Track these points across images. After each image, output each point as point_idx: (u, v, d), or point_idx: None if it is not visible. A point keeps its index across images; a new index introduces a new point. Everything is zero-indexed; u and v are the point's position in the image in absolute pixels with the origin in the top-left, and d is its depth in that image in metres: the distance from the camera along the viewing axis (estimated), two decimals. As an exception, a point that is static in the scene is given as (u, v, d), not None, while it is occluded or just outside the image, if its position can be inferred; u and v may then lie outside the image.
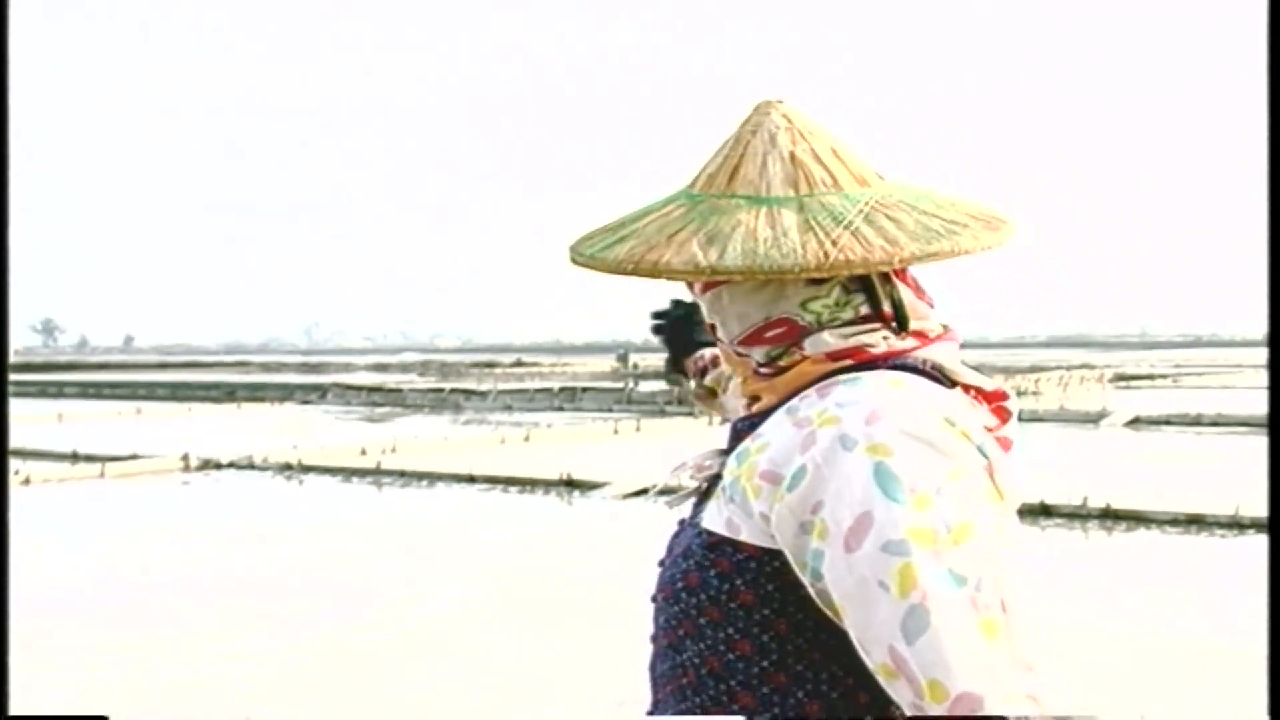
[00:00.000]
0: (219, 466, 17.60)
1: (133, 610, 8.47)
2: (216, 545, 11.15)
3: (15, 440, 19.70)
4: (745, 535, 1.43)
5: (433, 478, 16.08)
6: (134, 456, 17.92)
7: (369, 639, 7.62)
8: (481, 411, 30.54)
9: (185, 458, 17.64)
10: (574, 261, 1.50)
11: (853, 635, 1.34)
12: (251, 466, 17.56)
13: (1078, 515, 11.89)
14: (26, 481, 15.93)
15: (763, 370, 1.54)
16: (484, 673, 6.84)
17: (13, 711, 1.68)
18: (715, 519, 1.48)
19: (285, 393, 37.43)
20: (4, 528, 1.65)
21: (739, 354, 1.55)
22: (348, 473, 16.92)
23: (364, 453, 18.57)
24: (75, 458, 18.29)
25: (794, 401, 1.47)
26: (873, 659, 1.32)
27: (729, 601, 1.44)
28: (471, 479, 15.68)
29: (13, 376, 51.40)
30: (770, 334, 1.51)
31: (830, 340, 1.50)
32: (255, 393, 37.14)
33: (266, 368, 61.92)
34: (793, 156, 1.49)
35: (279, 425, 25.55)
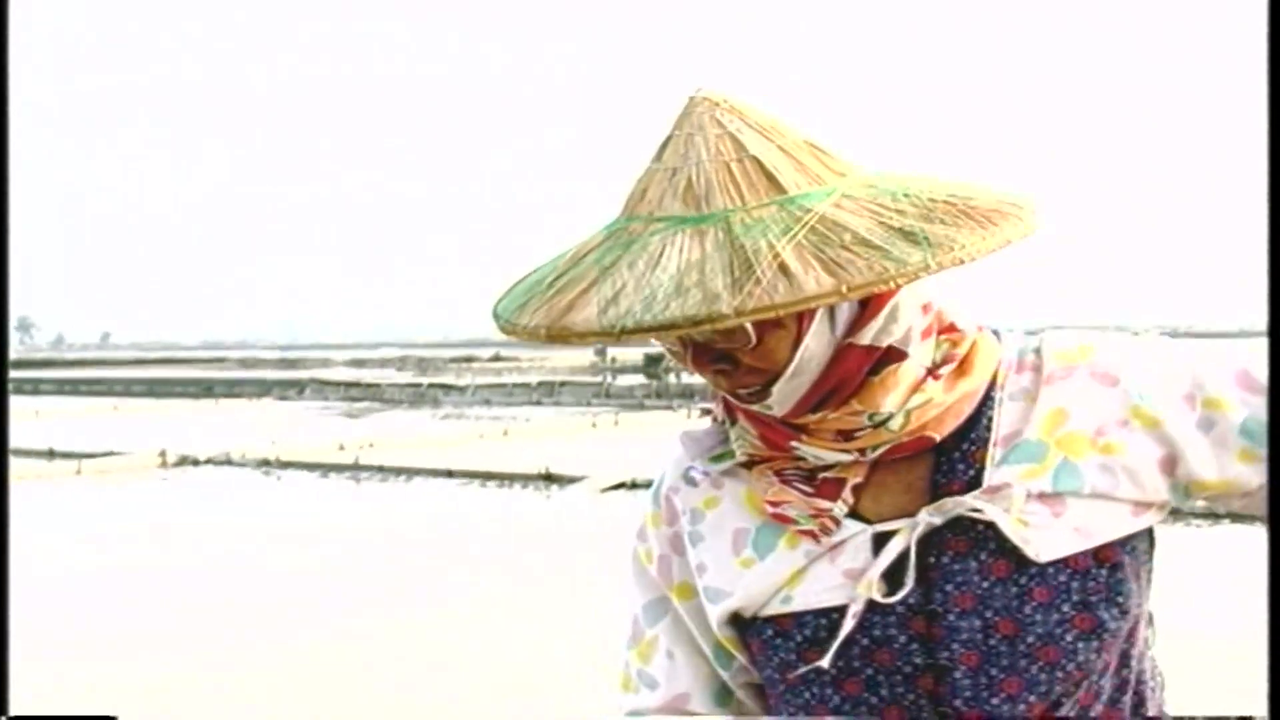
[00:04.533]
0: (196, 463, 17.56)
1: (108, 607, 8.44)
2: (194, 542, 11.12)
3: (-9, 438, 19.60)
4: (1129, 513, 1.33)
5: (411, 473, 16.06)
6: (111, 454, 17.89)
7: (348, 634, 7.61)
8: (460, 406, 30.50)
9: (163, 454, 17.59)
10: (549, 337, 1.22)
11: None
12: (229, 463, 17.53)
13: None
14: (2, 479, 15.84)
15: (942, 369, 1.33)
16: (464, 665, 6.84)
17: (14, 711, 1.68)
18: (1077, 533, 1.31)
19: (263, 389, 37.34)
20: (4, 528, 1.65)
21: (885, 365, 1.30)
22: (326, 468, 16.90)
23: (342, 448, 18.53)
24: (52, 455, 18.22)
25: (1008, 384, 1.36)
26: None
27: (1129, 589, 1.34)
28: (450, 474, 15.67)
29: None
30: (924, 325, 1.32)
31: (959, 308, 1.38)
32: (233, 389, 37.06)
33: (244, 364, 61.69)
34: (786, 149, 1.27)
35: (257, 421, 25.48)
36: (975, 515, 1.30)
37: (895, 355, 1.30)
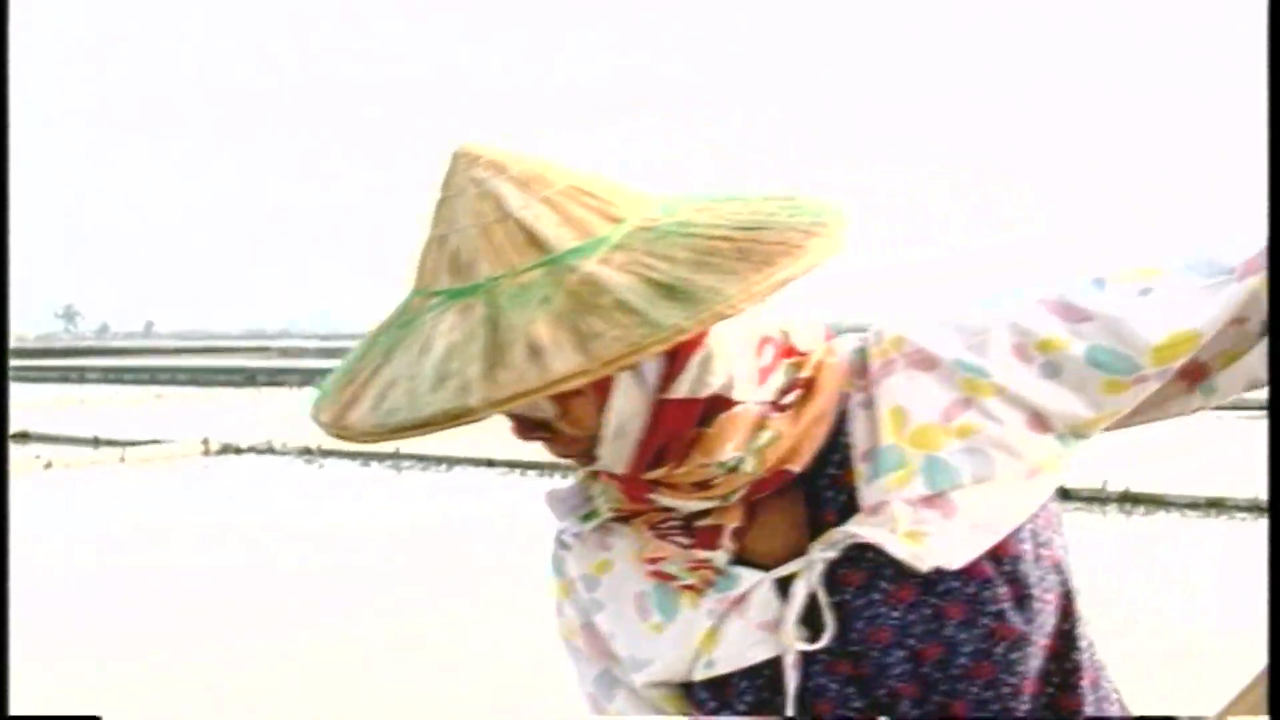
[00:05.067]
0: (239, 451, 17.65)
1: (152, 596, 8.49)
2: (236, 530, 11.18)
3: (38, 425, 19.81)
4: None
5: (452, 461, 16.08)
6: (155, 441, 17.98)
7: (389, 626, 7.64)
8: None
9: (205, 442, 17.69)
10: (337, 435, 1.19)
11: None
12: (271, 451, 17.60)
13: (1097, 499, 11.93)
14: (49, 466, 15.99)
15: (785, 403, 1.26)
16: (505, 655, 6.85)
17: (15, 710, 1.68)
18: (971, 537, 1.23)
19: (305, 377, 37.42)
20: (4, 527, 1.65)
21: (726, 408, 1.22)
22: (366, 457, 16.92)
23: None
24: (97, 442, 18.33)
25: (855, 393, 1.29)
26: None
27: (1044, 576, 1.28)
28: (490, 463, 15.67)
29: (34, 362, 51.58)
30: (761, 363, 1.25)
31: (803, 329, 1.30)
32: (275, 377, 37.18)
33: (285, 352, 61.96)
34: (552, 201, 1.18)
35: (299, 410, 25.54)
36: (863, 541, 1.23)
37: (721, 404, 1.21)
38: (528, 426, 1.24)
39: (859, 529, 1.23)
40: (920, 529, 1.22)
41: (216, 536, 10.79)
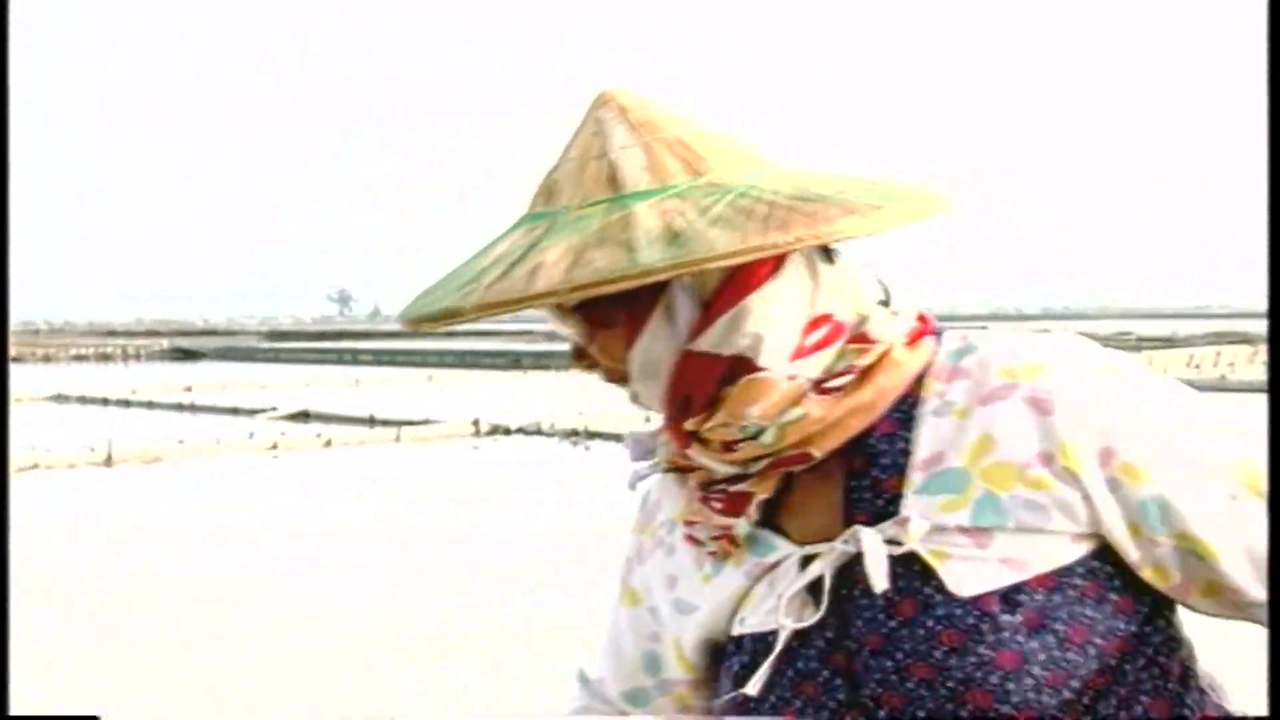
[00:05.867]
0: (508, 432, 18.00)
1: (416, 565, 8.71)
2: (507, 507, 11.40)
3: (317, 404, 20.53)
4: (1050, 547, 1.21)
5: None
6: (427, 421, 18.45)
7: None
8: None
9: (476, 423, 18.09)
10: (437, 317, 1.23)
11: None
12: (539, 432, 17.90)
13: None
14: (328, 444, 16.59)
15: (831, 386, 1.24)
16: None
17: (14, 711, 1.70)
18: (991, 570, 1.20)
19: (569, 361, 37.98)
20: (4, 527, 1.66)
21: (763, 381, 1.22)
22: (632, 439, 17.08)
23: (648, 419, 18.65)
24: (373, 422, 18.91)
25: (932, 398, 1.25)
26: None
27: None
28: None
29: (310, 344, 53.39)
30: (811, 340, 1.23)
31: (887, 319, 1.27)
32: (541, 360, 37.84)
33: (550, 336, 63.01)
34: (648, 149, 1.23)
35: (563, 392, 25.97)
36: (889, 548, 1.22)
37: (746, 366, 1.22)
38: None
39: (888, 533, 1.22)
40: (946, 549, 1.20)
41: (489, 510, 11.03)
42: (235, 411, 21.39)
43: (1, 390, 1.87)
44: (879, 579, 1.21)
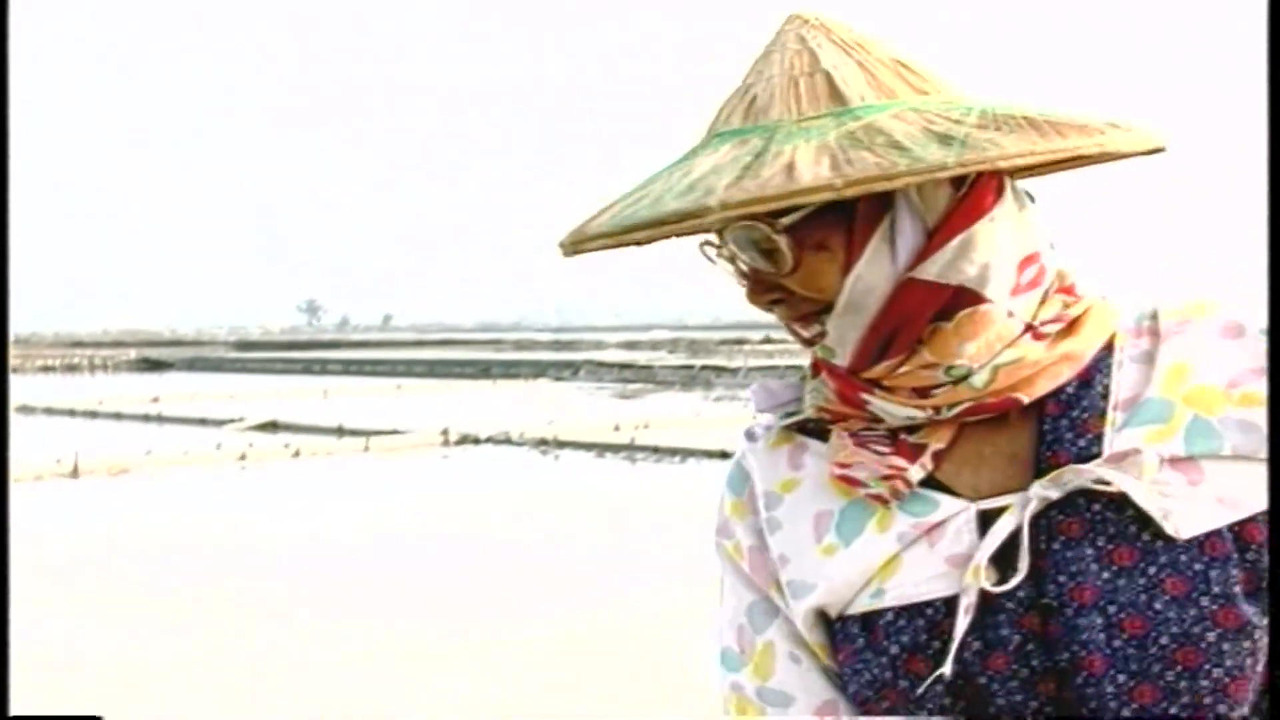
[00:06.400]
0: (477, 442, 17.97)
1: (390, 576, 8.69)
2: (477, 517, 11.37)
3: (286, 415, 20.47)
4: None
5: (685, 453, 16.13)
6: (396, 431, 18.42)
7: (619, 614, 7.68)
8: (732, 388, 30.55)
9: (445, 433, 18.06)
10: (665, 220, 1.10)
11: None
12: (508, 442, 17.89)
13: None
14: (297, 454, 16.53)
15: (1045, 328, 1.17)
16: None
17: (16, 710, 1.69)
18: (1216, 508, 1.11)
19: (539, 370, 38.05)
20: (4, 527, 1.65)
21: (976, 316, 1.14)
22: (601, 448, 17.09)
23: (617, 429, 18.72)
24: (341, 432, 18.87)
25: (1127, 347, 1.19)
26: None
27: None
28: (724, 454, 15.66)
29: (279, 354, 53.41)
30: (1025, 277, 1.16)
31: (1087, 274, 1.22)
32: (510, 370, 37.87)
33: (519, 345, 63.04)
34: (865, 66, 1.15)
35: (533, 402, 25.97)
36: (1099, 488, 1.11)
37: (969, 298, 1.13)
38: (763, 287, 1.18)
39: (1102, 471, 1.11)
40: (1162, 488, 1.10)
41: (458, 522, 11.01)
42: (203, 422, 21.32)
43: (1, 392, 1.85)
44: (1162, 515, 1.10)
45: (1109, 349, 1.19)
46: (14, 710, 1.64)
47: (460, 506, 12.11)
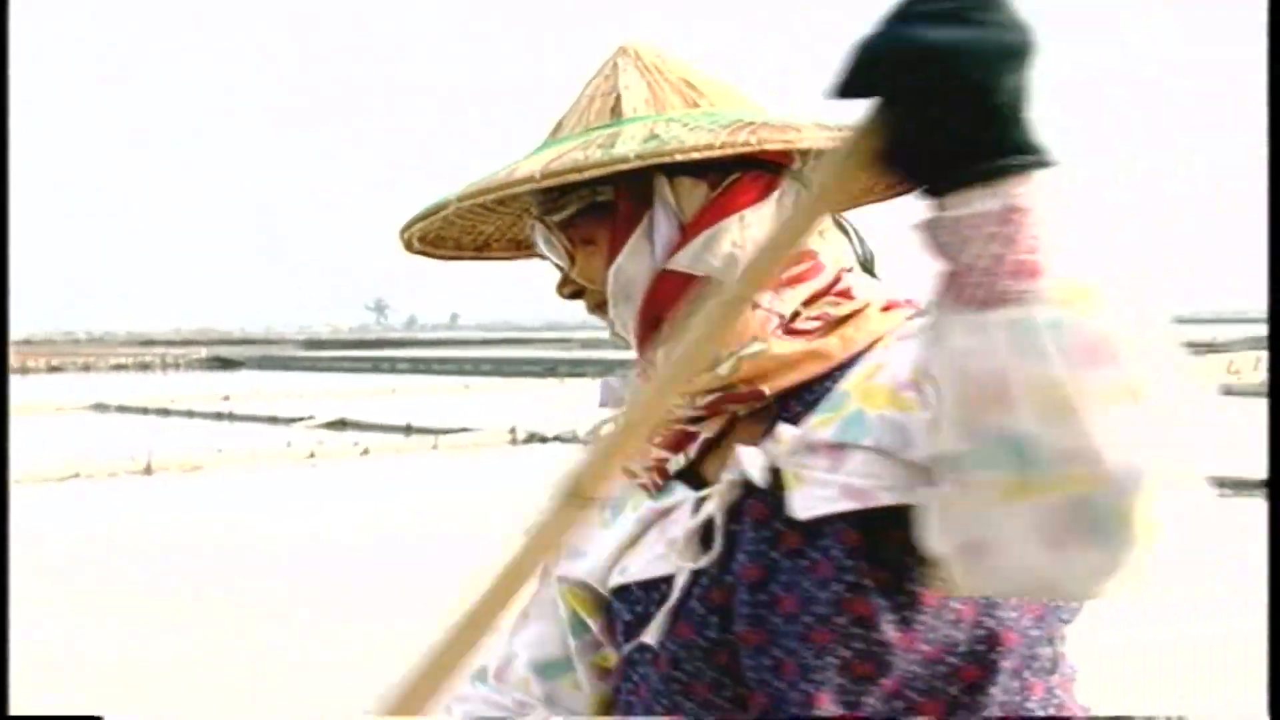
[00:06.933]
0: (544, 440, 18.01)
1: (448, 571, 8.71)
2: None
3: (354, 413, 20.59)
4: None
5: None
6: (464, 429, 18.49)
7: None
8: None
9: (513, 431, 18.11)
10: (423, 215, 1.34)
11: None
12: (576, 440, 17.91)
13: None
14: (366, 452, 16.64)
15: (798, 328, 1.24)
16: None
17: (16, 710, 1.70)
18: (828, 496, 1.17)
19: (605, 368, 37.78)
20: (4, 529, 1.66)
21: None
22: (668, 447, 17.08)
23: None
24: (409, 430, 18.96)
25: (877, 350, 1.23)
26: None
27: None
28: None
29: (348, 353, 53.46)
30: (787, 274, 1.23)
31: (869, 282, 1.29)
32: (576, 368, 37.88)
33: (586, 344, 63.09)
34: (653, 84, 1.29)
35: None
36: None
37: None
38: (560, 280, 1.34)
39: (741, 452, 1.22)
40: (803, 471, 1.18)
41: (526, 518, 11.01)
42: (273, 420, 21.47)
43: (2, 392, 1.88)
44: (787, 485, 1.19)
45: (870, 351, 1.24)
46: (11, 710, 1.66)
47: (527, 505, 12.12)
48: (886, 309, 1.27)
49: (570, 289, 1.34)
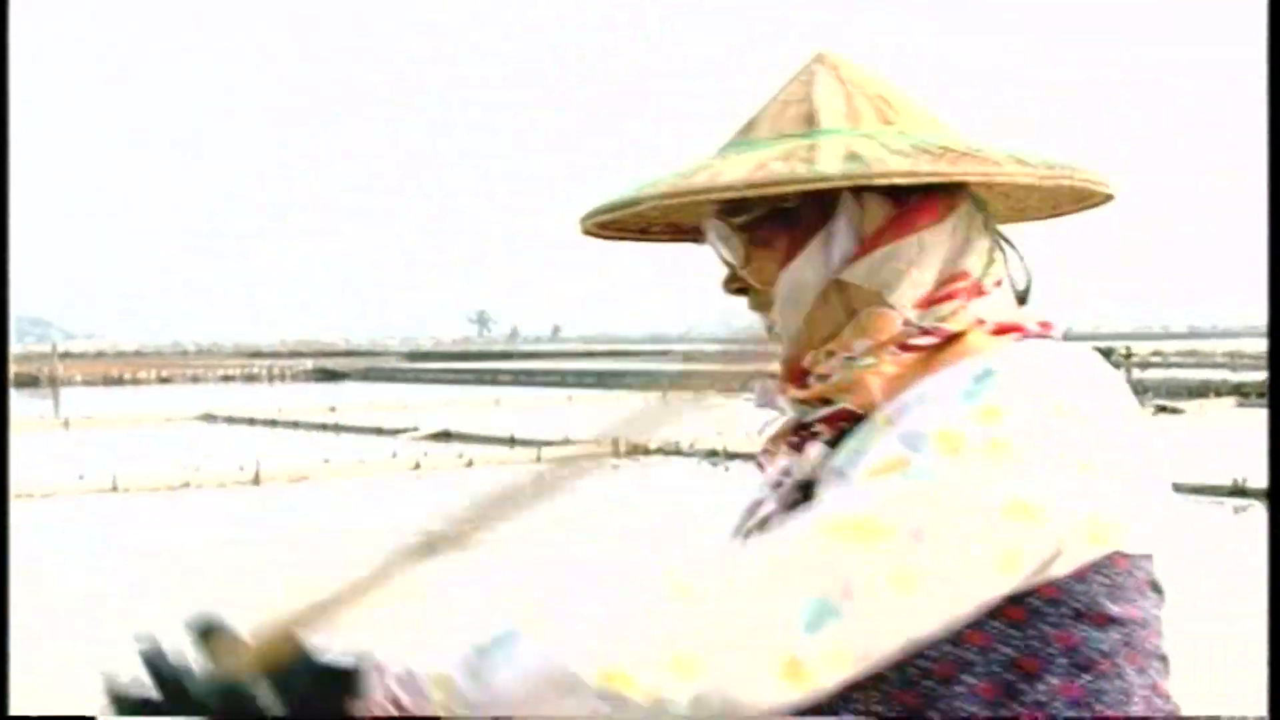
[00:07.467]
0: (647, 452, 17.99)
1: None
2: (642, 530, 11.39)
3: (459, 425, 20.71)
4: None
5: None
6: (567, 441, 18.54)
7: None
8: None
9: (615, 443, 18.08)
10: (612, 208, 1.35)
11: None
12: (679, 453, 17.89)
13: None
14: (470, 464, 16.75)
15: (917, 342, 1.25)
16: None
17: (16, 710, 1.69)
18: None
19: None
20: (4, 530, 1.66)
21: (874, 320, 1.26)
22: (771, 461, 17.02)
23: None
24: (513, 442, 19.06)
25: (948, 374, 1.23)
26: None
27: None
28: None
29: (450, 365, 53.96)
30: (945, 290, 1.26)
31: (998, 307, 1.28)
32: (679, 381, 37.83)
33: (688, 356, 62.86)
34: (851, 96, 1.30)
35: (704, 412, 25.92)
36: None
37: (877, 301, 1.26)
38: (728, 276, 1.36)
39: (791, 462, 1.34)
40: (820, 490, 1.25)
41: (626, 534, 11.03)
42: (379, 431, 21.68)
43: (2, 392, 1.89)
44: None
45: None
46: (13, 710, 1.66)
47: (629, 518, 12.15)
48: (997, 332, 1.27)
49: (736, 285, 1.36)
